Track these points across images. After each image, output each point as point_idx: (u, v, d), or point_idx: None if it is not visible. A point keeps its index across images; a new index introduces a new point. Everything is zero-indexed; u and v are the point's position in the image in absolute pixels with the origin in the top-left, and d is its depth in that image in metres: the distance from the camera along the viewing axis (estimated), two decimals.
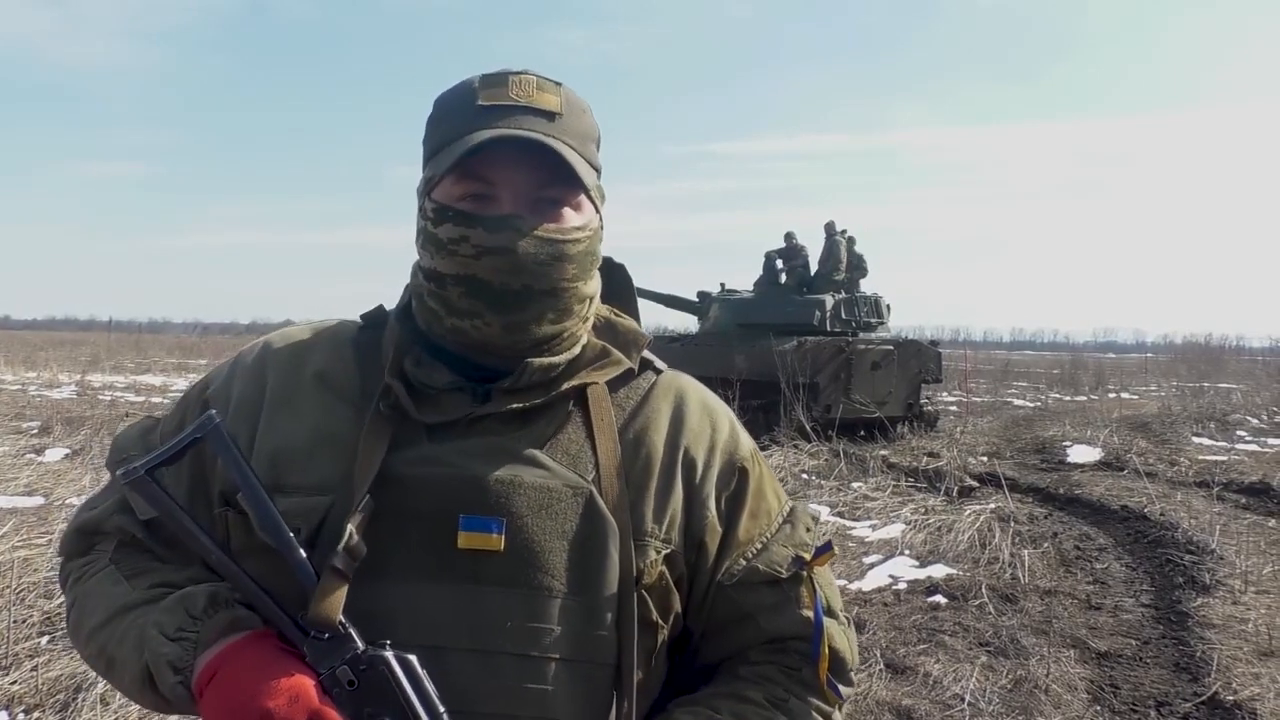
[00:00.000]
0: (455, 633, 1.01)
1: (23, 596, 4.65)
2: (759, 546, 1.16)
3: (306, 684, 0.93)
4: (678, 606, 1.12)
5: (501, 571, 1.03)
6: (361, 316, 1.20)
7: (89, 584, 1.11)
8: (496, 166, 1.06)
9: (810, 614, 1.13)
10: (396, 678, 0.94)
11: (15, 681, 3.77)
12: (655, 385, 1.20)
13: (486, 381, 1.10)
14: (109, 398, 17.35)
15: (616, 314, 1.23)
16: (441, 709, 0.94)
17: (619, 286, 1.26)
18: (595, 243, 1.13)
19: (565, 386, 1.11)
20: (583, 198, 1.11)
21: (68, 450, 10.10)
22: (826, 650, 1.12)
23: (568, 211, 1.10)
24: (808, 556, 1.16)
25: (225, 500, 1.08)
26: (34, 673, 3.81)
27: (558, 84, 1.11)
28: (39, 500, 7.37)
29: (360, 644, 0.95)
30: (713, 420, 1.20)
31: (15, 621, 4.22)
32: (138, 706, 3.57)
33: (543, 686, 1.02)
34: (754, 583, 1.14)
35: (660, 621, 1.10)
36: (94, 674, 3.74)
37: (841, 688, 1.14)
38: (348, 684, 0.94)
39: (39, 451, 9.98)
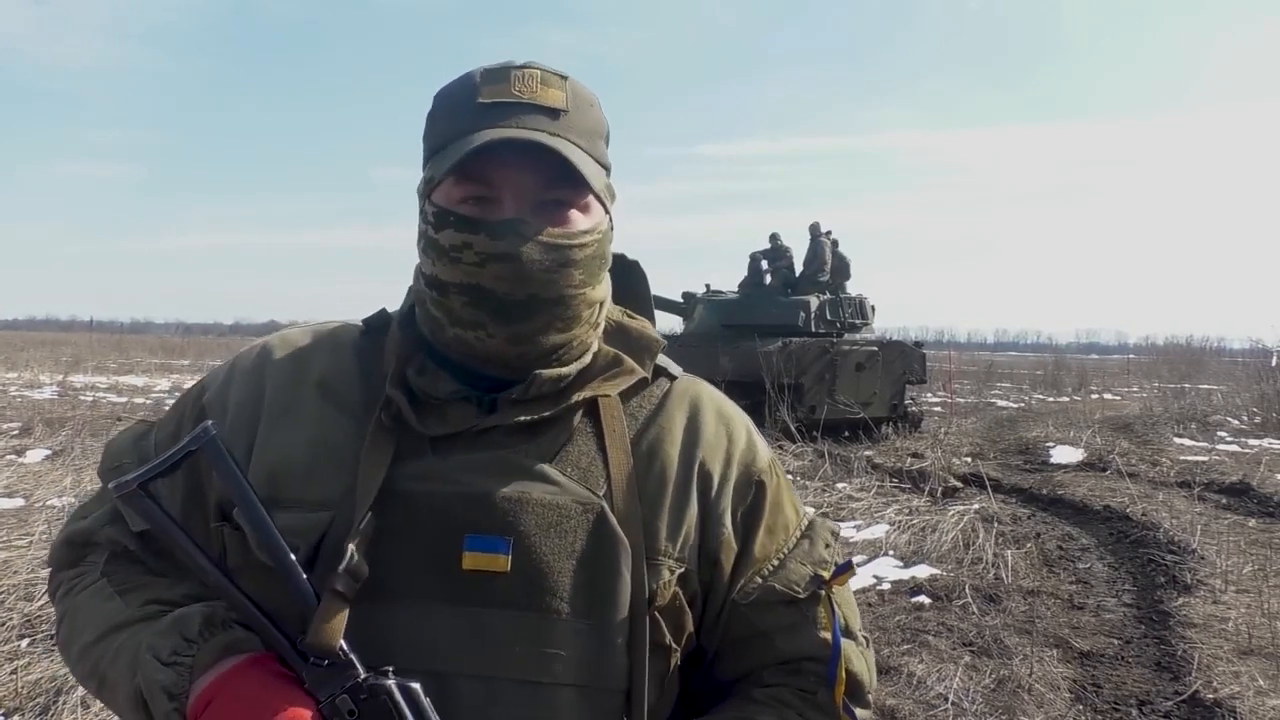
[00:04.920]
0: (459, 658, 0.97)
1: (2, 599, 4.61)
2: (776, 564, 1.11)
3: (304, 715, 0.90)
4: (690, 626, 1.08)
5: (508, 594, 0.98)
6: (364, 321, 1.15)
7: (80, 598, 1.07)
8: (498, 168, 1.01)
9: (828, 635, 1.09)
10: (399, 708, 0.90)
11: None
12: (669, 393, 1.14)
13: (492, 391, 1.05)
14: (91, 398, 17.21)
15: (629, 315, 1.17)
16: None
17: (633, 286, 1.20)
18: (604, 245, 1.08)
19: (576, 398, 1.06)
20: (590, 199, 1.06)
21: (49, 451, 10.01)
22: (843, 674, 1.07)
23: (574, 214, 1.04)
24: (827, 575, 1.12)
25: (222, 515, 1.04)
26: (13, 675, 3.77)
27: (564, 77, 1.06)
28: (19, 502, 7.31)
29: (361, 671, 0.91)
30: (729, 430, 1.15)
31: None
32: None
33: (551, 714, 0.98)
34: (770, 602, 1.09)
35: (673, 644, 1.05)
36: (75, 678, 3.69)
37: (858, 711, 1.10)
38: (348, 713, 0.90)
39: (19, 452, 9.88)
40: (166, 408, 1.21)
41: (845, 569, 1.13)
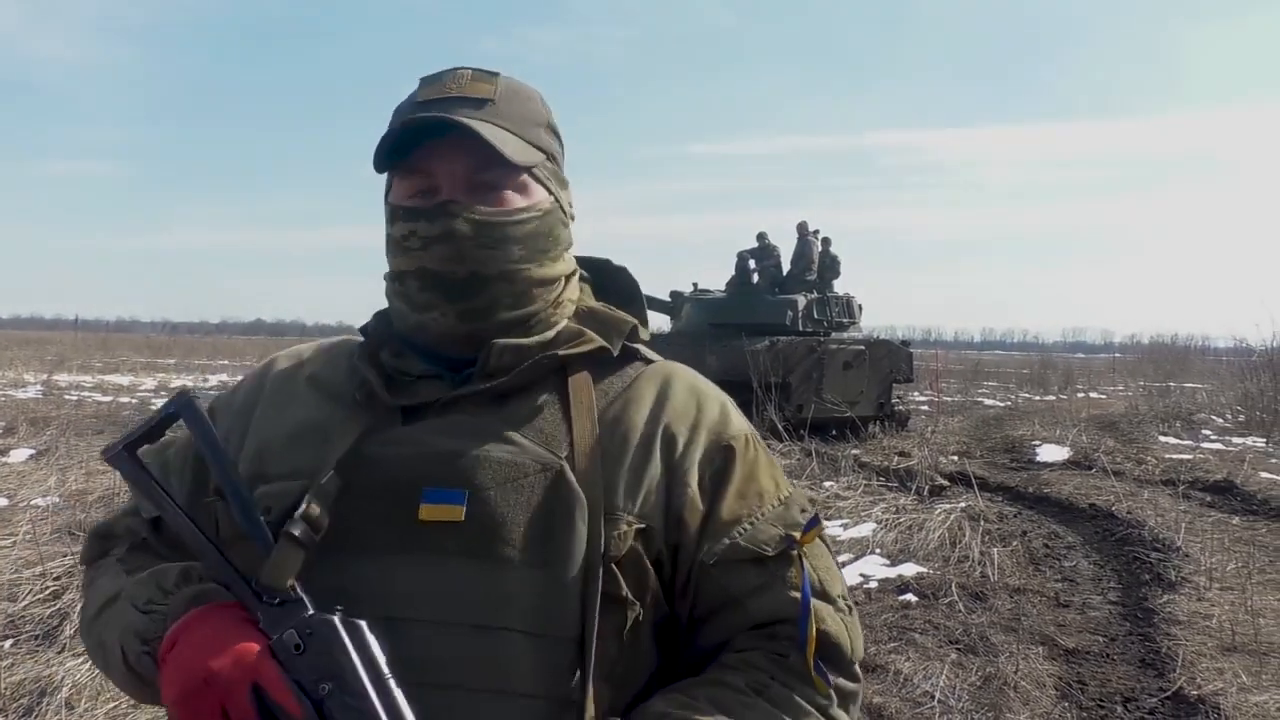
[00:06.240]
0: (416, 605, 1.02)
1: None
2: (746, 527, 1.10)
3: (252, 647, 0.95)
4: (655, 585, 1.08)
5: (463, 542, 1.03)
6: (360, 330, 1.23)
7: (96, 584, 1.16)
8: (431, 157, 1.10)
9: (799, 595, 1.07)
10: (340, 641, 0.94)
11: None
12: (643, 373, 1.19)
13: (462, 370, 1.13)
14: (75, 397, 17.12)
15: (608, 308, 1.23)
16: (386, 673, 0.94)
17: (624, 291, 1.28)
18: (548, 224, 1.14)
19: (539, 357, 1.11)
20: (525, 179, 1.12)
21: (33, 450, 9.97)
22: (814, 633, 1.06)
23: (509, 194, 1.11)
24: (797, 535, 1.11)
25: (218, 492, 1.09)
26: None
27: (494, 74, 1.14)
28: (3, 502, 7.27)
29: (311, 609, 0.96)
30: (700, 401, 1.18)
31: None
32: (102, 710, 3.52)
33: (500, 656, 1.01)
34: (738, 562, 1.09)
35: (630, 598, 1.06)
36: (58, 677, 3.69)
37: (844, 681, 1.08)
38: (294, 647, 0.95)
39: (3, 452, 9.83)
40: (153, 408, 1.25)
41: (814, 524, 1.13)
